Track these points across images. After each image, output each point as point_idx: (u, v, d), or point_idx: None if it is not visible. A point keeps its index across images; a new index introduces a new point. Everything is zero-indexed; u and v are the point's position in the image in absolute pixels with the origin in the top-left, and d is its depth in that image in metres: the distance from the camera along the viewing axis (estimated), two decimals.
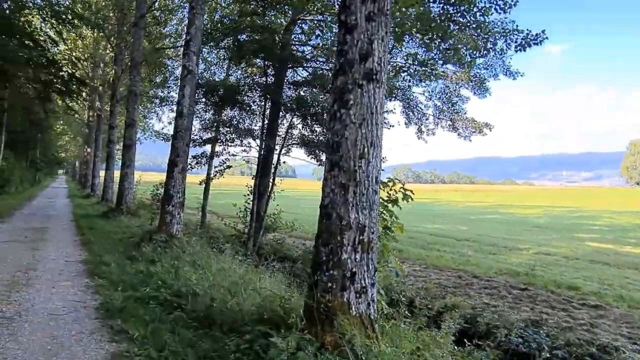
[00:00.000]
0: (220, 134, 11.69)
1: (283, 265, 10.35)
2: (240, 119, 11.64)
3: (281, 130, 12.46)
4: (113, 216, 14.53)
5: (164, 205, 9.54)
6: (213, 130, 15.06)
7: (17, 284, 5.90)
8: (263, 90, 11.62)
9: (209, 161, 13.30)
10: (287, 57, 11.54)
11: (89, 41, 27.86)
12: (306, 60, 12.12)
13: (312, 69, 13.07)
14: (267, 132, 11.26)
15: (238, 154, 11.88)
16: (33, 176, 38.64)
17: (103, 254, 8.19)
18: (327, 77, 11.37)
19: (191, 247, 8.87)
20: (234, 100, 11.45)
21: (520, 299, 8.12)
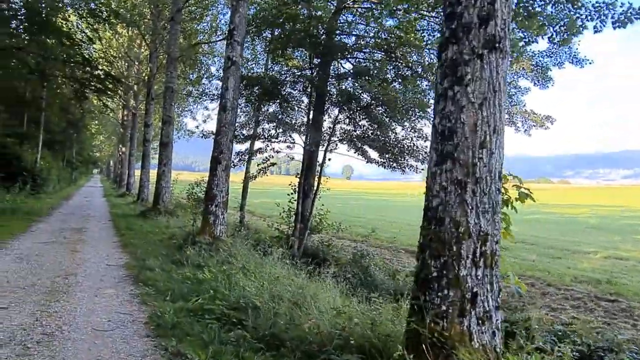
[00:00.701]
0: (263, 130, 11.08)
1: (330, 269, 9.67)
2: (283, 114, 10.97)
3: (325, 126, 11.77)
4: (150, 216, 14.17)
5: (207, 205, 8.97)
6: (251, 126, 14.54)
7: (58, 291, 5.37)
8: (308, 83, 10.93)
9: (249, 159, 12.73)
10: (333, 47, 10.81)
11: (124, 40, 27.92)
12: (352, 51, 11.34)
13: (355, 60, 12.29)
14: (311, 127, 10.57)
15: (282, 150, 11.25)
16: (70, 175, 39.25)
17: (145, 257, 7.66)
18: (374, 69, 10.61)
19: (237, 250, 8.27)
20: (277, 93, 10.81)
21: (613, 312, 7.16)
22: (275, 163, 11.62)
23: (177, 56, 16.26)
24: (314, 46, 10.91)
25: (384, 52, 10.85)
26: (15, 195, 17.70)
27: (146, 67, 26.13)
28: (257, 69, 16.96)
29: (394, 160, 10.40)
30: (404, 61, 11.37)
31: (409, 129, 10.46)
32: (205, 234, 8.74)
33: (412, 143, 10.05)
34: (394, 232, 17.16)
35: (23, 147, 22.28)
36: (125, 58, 27.72)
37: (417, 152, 9.99)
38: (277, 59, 12.89)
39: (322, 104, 11.49)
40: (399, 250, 12.84)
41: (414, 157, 9.99)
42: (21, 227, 10.91)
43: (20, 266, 6.60)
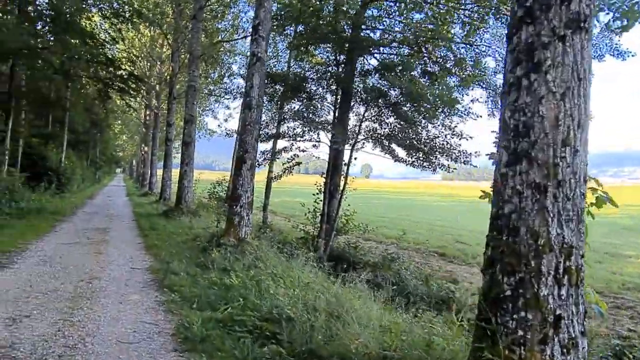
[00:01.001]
0: (288, 129, 10.76)
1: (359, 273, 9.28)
2: (308, 111, 10.60)
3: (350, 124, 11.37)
4: (173, 216, 14.01)
5: (231, 205, 8.69)
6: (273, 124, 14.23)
7: (81, 297, 5.13)
8: (333, 79, 10.56)
9: (272, 157, 12.42)
10: (360, 42, 10.41)
11: (146, 40, 28.03)
12: (379, 46, 10.90)
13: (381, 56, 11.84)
14: (337, 125, 10.18)
15: (308, 149, 10.90)
16: (93, 175, 39.81)
17: (169, 259, 7.41)
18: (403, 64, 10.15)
19: (264, 253, 7.96)
20: (302, 90, 10.47)
21: None
22: (300, 162, 11.27)
23: (200, 54, 16.08)
24: (339, 41, 10.54)
25: (414, 46, 10.38)
26: (41, 194, 17.83)
27: (168, 67, 26.16)
28: (278, 67, 16.70)
29: (424, 159, 9.95)
30: (431, 56, 10.90)
31: (440, 126, 9.99)
32: (229, 235, 8.46)
33: (444, 141, 9.57)
34: (419, 233, 16.67)
35: (48, 147, 22.53)
36: (147, 58, 27.81)
37: (451, 150, 9.48)
38: (301, 56, 12.54)
39: (348, 102, 11.10)
40: (428, 253, 12.37)
41: (448, 156, 9.50)
42: (46, 227, 10.85)
43: (44, 269, 6.42)
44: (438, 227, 19.16)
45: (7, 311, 4.49)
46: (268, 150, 11.64)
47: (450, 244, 12.68)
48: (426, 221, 21.98)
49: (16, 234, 9.09)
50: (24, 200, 14.78)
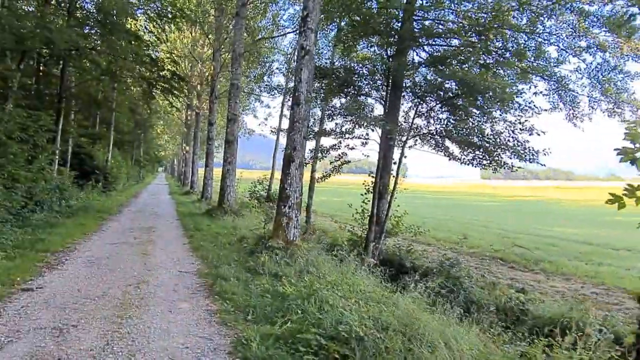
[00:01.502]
0: (336, 125, 10.26)
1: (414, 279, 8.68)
2: (356, 107, 10.04)
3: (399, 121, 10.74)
4: (216, 215, 13.86)
5: (279, 206, 8.30)
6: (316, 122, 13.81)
7: (129, 304, 4.83)
8: (384, 73, 9.98)
9: (318, 156, 11.99)
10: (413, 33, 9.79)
11: (188, 40, 28.32)
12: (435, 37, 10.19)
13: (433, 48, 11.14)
14: (388, 122, 9.57)
15: (357, 146, 10.37)
16: (137, 174, 40.86)
17: (217, 262, 7.12)
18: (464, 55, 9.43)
19: (315, 257, 7.53)
20: (352, 84, 9.96)
21: None
22: (349, 161, 10.76)
23: (242, 52, 15.87)
24: (390, 33, 9.96)
25: (472, 36, 9.62)
26: (88, 193, 18.21)
27: (209, 66, 26.30)
28: (320, 63, 16.24)
29: (483, 156, 9.19)
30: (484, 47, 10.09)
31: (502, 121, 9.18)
32: (278, 237, 8.08)
33: (511, 136, 8.76)
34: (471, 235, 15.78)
35: (95, 146, 23.09)
36: (189, 57, 28.04)
37: (517, 147, 8.66)
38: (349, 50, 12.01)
39: (398, 97, 10.49)
40: (484, 257, 11.58)
41: (514, 153, 8.69)
42: (93, 225, 10.87)
43: (91, 271, 6.22)
44: (490, 229, 18.16)
45: (55, 319, 4.24)
46: (312, 148, 11.12)
47: (507, 248, 11.83)
48: (475, 222, 20.96)
49: (65, 233, 9.08)
50: (73, 199, 15.06)
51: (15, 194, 10.07)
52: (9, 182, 10.04)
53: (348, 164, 10.74)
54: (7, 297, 4.79)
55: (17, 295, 4.88)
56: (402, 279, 8.91)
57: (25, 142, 11.50)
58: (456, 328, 4.09)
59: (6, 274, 5.45)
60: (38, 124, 11.79)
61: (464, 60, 9.61)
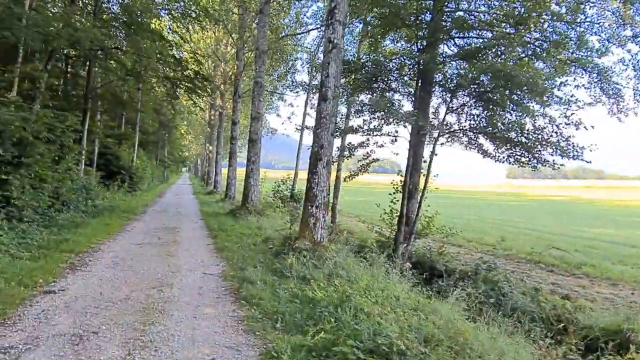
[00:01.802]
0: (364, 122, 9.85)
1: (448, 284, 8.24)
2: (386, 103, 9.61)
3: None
4: (240, 215, 13.66)
5: (306, 206, 7.99)
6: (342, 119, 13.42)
7: (153, 309, 4.59)
8: (414, 67, 9.56)
9: (341, 154, 11.63)
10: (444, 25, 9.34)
11: (211, 40, 28.37)
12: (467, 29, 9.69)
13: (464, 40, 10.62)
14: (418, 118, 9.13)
15: (386, 144, 9.94)
16: (162, 174, 41.30)
17: (243, 264, 6.86)
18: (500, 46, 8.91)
19: (343, 259, 7.19)
20: (381, 79, 9.57)
21: None
22: (378, 159, 10.36)
23: (266, 49, 15.64)
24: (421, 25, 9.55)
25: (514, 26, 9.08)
26: (114, 192, 18.34)
27: (233, 66, 26.28)
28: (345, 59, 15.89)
29: (521, 154, 8.65)
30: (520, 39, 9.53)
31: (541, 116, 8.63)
32: (304, 238, 7.77)
33: (554, 132, 8.18)
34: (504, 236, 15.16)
35: (121, 147, 23.30)
36: (212, 57, 28.08)
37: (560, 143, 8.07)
38: (376, 45, 11.62)
39: (429, 93, 10.04)
40: (520, 260, 10.99)
41: (557, 150, 8.11)
42: (118, 225, 10.79)
43: (114, 273, 6.04)
44: (521, 230, 17.44)
45: (75, 324, 4.02)
46: (338, 146, 10.71)
47: (544, 250, 11.21)
48: (505, 223, 20.19)
49: (90, 233, 8.99)
50: (99, 198, 15.14)
51: (42, 193, 10.08)
52: (36, 182, 10.04)
53: (376, 162, 10.34)
54: (29, 299, 4.62)
55: (39, 298, 4.70)
56: (435, 282, 8.51)
57: (52, 142, 11.52)
58: (506, 340, 3.68)
59: (29, 275, 5.29)
60: (65, 125, 11.80)
61: (499, 53, 9.10)
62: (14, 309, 4.28)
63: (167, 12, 18.32)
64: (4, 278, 4.95)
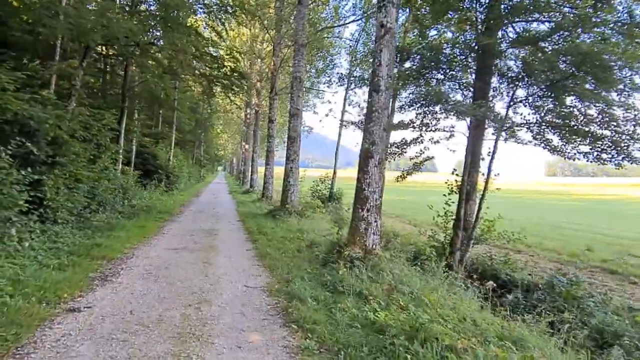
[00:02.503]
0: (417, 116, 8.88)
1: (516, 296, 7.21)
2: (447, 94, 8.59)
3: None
4: (279, 217, 12.99)
5: (356, 209, 7.16)
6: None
7: (189, 334, 3.89)
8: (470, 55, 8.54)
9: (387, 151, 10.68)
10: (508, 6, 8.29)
11: (247, 38, 27.97)
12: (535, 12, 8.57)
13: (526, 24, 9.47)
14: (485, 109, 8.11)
15: (442, 140, 8.98)
16: (198, 173, 41.40)
17: (288, 275, 6.11)
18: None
19: (400, 270, 6.34)
20: (436, 68, 8.62)
21: None
22: (432, 157, 9.42)
23: (305, 42, 14.89)
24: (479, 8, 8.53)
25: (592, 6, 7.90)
26: (151, 192, 18.11)
27: (269, 63, 25.77)
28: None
29: (602, 150, 7.51)
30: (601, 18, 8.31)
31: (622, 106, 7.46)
32: (355, 245, 6.95)
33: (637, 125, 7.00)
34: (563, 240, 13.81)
35: (158, 146, 23.18)
36: (248, 55, 27.65)
37: None
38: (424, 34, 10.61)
39: (487, 83, 8.99)
40: (592, 269, 9.74)
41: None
42: (153, 228, 10.32)
43: (148, 286, 5.40)
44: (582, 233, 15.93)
45: (98, 356, 3.35)
46: (398, 142, 9.74)
47: (618, 257, 9.94)
48: (562, 225, 18.61)
49: (124, 236, 8.49)
50: (135, 198, 14.84)
51: (77, 194, 9.70)
52: (71, 182, 9.67)
53: (430, 160, 9.39)
54: (49, 320, 4.01)
55: (61, 318, 4.09)
56: (502, 295, 7.51)
57: (88, 141, 11.21)
58: None
59: (53, 288, 4.71)
60: (101, 123, 11.47)
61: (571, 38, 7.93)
62: (31, 333, 3.67)
63: (203, 7, 17.89)
64: (24, 293, 4.36)
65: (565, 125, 7.79)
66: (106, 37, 11.94)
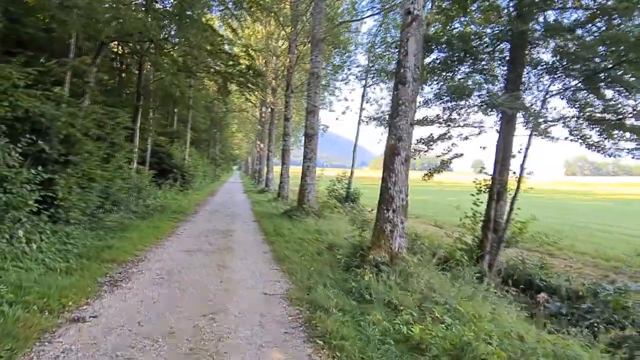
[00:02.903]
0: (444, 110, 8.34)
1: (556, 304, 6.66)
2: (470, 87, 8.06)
3: None
4: (296, 217, 12.56)
5: (381, 209, 6.67)
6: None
7: (203, 351, 3.46)
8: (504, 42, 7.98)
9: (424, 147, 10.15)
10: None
11: (262, 36, 27.62)
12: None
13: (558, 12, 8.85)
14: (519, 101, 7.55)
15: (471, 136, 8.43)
16: (213, 172, 41.21)
17: (309, 280, 5.67)
18: None
19: (429, 275, 5.86)
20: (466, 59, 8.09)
21: None
22: (462, 154, 8.87)
23: (322, 37, 14.41)
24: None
25: None
26: (166, 191, 17.86)
27: (284, 60, 25.40)
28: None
29: None
30: None
31: None
32: (379, 248, 6.46)
33: None
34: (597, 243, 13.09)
35: (173, 145, 22.97)
36: (263, 52, 27.28)
37: None
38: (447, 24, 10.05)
39: (519, 76, 8.41)
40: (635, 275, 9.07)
41: None
42: (167, 228, 9.99)
43: (159, 292, 5.00)
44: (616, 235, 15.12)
45: None
46: (424, 138, 9.21)
47: None
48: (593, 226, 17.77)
49: (137, 237, 8.15)
50: (150, 198, 14.58)
51: (90, 193, 9.41)
52: (84, 181, 9.37)
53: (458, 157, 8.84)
54: (50, 332, 3.64)
55: (63, 330, 3.71)
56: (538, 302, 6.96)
57: (102, 139, 10.95)
58: None
59: (58, 295, 4.34)
60: (115, 121, 11.21)
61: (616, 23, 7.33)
62: (28, 348, 3.30)
63: (217, 3, 17.58)
64: (25, 301, 4.00)
65: (606, 120, 7.18)
66: (120, 32, 11.68)
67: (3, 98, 7.13)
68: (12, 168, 6.39)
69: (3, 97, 7.15)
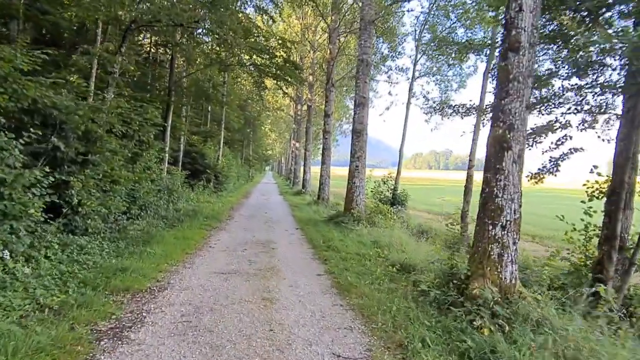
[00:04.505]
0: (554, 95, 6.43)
1: None
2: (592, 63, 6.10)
3: None
4: (344, 224, 10.89)
5: (484, 224, 4.83)
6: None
7: None
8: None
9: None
10: None
11: (298, 29, 26.11)
12: None
13: None
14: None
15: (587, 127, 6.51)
16: (247, 172, 40.07)
17: (398, 333, 3.94)
18: None
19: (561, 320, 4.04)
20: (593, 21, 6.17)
21: None
22: (582, 149, 6.91)
23: (372, 19, 12.61)
24: None
25: None
26: (199, 193, 16.57)
27: (323, 54, 23.78)
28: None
29: None
30: None
31: None
32: (483, 278, 4.66)
33: None
34: None
35: (206, 144, 21.77)
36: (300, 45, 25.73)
37: None
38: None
39: None
40: None
41: None
42: (198, 238, 8.50)
43: (182, 341, 3.42)
44: None
45: None
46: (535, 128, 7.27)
47: None
48: None
49: (161, 253, 6.64)
50: (182, 200, 13.26)
51: (113, 197, 8.03)
52: (106, 183, 8.00)
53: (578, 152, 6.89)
54: None
55: None
56: None
57: (128, 137, 9.65)
58: None
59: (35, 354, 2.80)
60: (144, 117, 9.87)
61: None
62: None
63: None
64: None
65: None
66: (147, 14, 10.32)
67: (2, 85, 5.77)
68: (13, 169, 4.98)
69: (2, 84, 5.79)
